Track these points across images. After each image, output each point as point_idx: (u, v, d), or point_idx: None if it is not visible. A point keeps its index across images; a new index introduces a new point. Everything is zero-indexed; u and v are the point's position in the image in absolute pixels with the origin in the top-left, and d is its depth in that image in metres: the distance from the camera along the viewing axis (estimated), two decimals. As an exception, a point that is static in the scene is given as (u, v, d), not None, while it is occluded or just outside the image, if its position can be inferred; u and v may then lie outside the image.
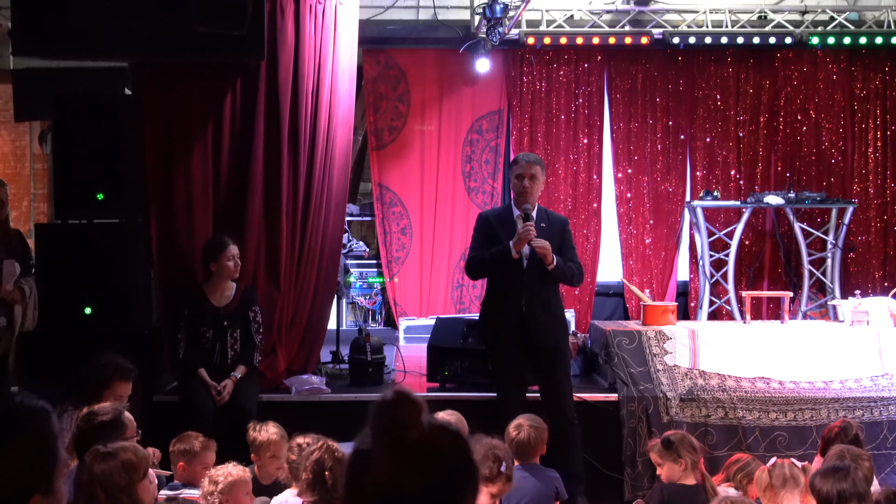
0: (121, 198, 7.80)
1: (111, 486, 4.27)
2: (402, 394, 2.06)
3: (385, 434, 2.04)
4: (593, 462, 7.69)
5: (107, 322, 7.65)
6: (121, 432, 5.01)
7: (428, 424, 2.06)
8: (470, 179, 11.46)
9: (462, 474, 2.07)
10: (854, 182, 11.30)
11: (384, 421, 2.05)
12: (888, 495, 4.27)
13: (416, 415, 2.05)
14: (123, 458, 4.39)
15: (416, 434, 2.03)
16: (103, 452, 4.38)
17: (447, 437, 2.07)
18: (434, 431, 2.06)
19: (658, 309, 8.75)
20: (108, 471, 4.29)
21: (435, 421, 2.08)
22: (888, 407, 7.92)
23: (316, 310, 8.38)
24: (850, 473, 4.70)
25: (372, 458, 2.03)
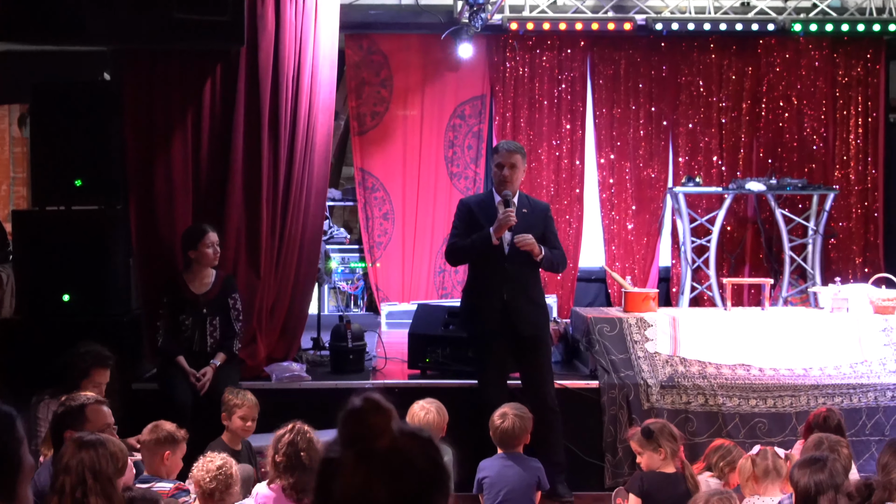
0: (100, 184, 7.78)
1: (100, 472, 4.29)
2: (372, 401, 2.04)
3: (354, 442, 2.01)
4: (574, 449, 7.70)
5: (86, 310, 7.64)
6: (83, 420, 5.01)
7: (398, 431, 2.03)
8: (452, 165, 11.44)
9: (432, 482, 2.05)
10: (835, 168, 11.32)
11: (353, 429, 2.02)
12: (859, 487, 4.28)
13: (386, 423, 2.02)
14: (111, 449, 4.41)
15: (385, 442, 2.01)
16: (92, 439, 4.40)
17: (418, 445, 2.05)
18: (404, 439, 2.04)
19: (639, 296, 8.76)
20: (98, 457, 4.32)
21: (406, 427, 2.06)
22: (867, 394, 7.96)
23: (297, 297, 8.36)
24: (828, 465, 4.73)
25: (341, 467, 2.01)
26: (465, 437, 7.05)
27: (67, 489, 4.27)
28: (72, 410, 5.10)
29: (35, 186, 7.90)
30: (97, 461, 4.31)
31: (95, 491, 4.26)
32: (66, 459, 4.35)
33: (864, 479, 4.44)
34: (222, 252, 7.64)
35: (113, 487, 4.35)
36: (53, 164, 7.72)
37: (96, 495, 4.26)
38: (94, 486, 4.27)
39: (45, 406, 6.41)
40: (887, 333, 8.28)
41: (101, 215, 7.78)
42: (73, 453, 4.35)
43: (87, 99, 7.78)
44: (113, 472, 4.37)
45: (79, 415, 5.05)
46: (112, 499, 4.33)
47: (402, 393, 7.79)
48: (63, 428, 4.96)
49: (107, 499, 4.30)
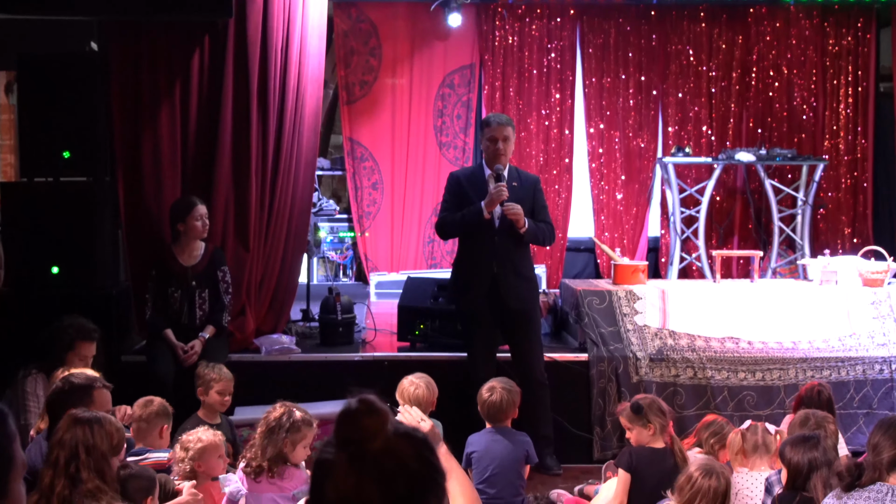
0: (88, 156, 7.71)
1: (94, 448, 4.29)
2: (366, 403, 2.04)
3: (348, 444, 2.01)
4: (562, 422, 7.72)
5: (74, 282, 7.60)
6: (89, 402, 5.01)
7: (393, 432, 2.03)
8: (441, 134, 11.40)
9: (425, 483, 2.05)
10: (825, 139, 11.31)
11: (347, 431, 2.02)
12: (849, 467, 4.29)
13: (380, 424, 2.02)
14: (107, 427, 4.40)
15: (379, 444, 2.01)
16: (88, 416, 4.40)
17: (411, 446, 2.05)
18: (398, 440, 2.03)
19: (629, 268, 8.75)
20: (93, 433, 4.32)
21: (400, 428, 2.06)
22: (855, 367, 7.97)
23: (286, 270, 8.34)
24: (821, 443, 4.77)
25: (334, 468, 2.01)
26: (454, 411, 7.09)
27: (61, 463, 4.27)
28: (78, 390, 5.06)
29: (23, 158, 7.84)
30: (92, 437, 4.31)
31: (88, 466, 4.27)
32: (62, 434, 4.36)
33: (853, 459, 4.44)
34: (211, 224, 7.60)
35: (107, 464, 4.36)
36: (41, 136, 7.65)
37: (89, 470, 4.26)
38: (87, 461, 4.27)
39: (32, 380, 6.39)
40: (876, 306, 8.29)
41: (89, 187, 7.71)
42: (68, 428, 4.36)
43: (74, 70, 7.70)
44: (107, 449, 4.37)
45: (85, 396, 5.03)
46: (105, 475, 4.33)
47: (391, 366, 7.81)
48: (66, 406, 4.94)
49: (99, 474, 4.30)
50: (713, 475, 4.98)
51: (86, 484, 4.23)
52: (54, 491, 4.21)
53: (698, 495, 4.96)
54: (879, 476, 4.21)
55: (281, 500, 5.19)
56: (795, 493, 4.79)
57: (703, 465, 5.09)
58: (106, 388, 5.21)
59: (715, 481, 4.96)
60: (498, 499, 6.18)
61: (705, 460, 5.27)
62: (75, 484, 4.23)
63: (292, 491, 5.19)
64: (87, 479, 4.24)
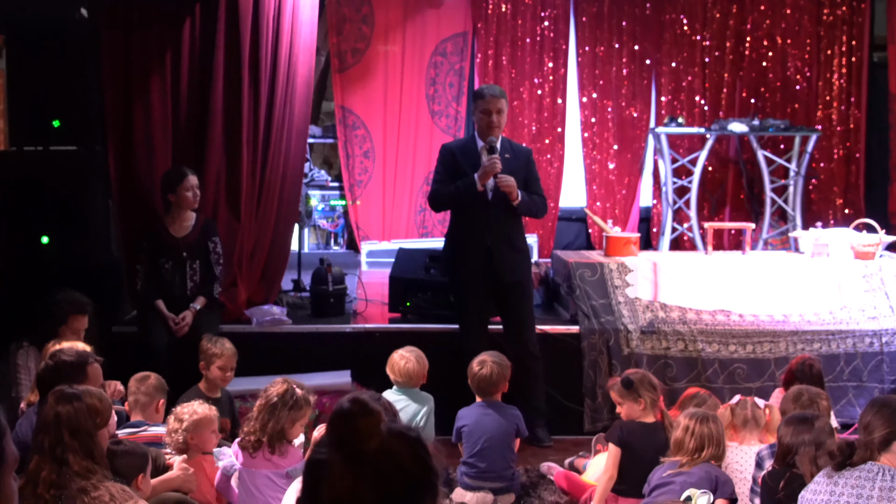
0: (78, 125, 7.66)
1: (77, 428, 4.26)
2: (360, 404, 2.03)
3: (343, 445, 2.01)
4: (554, 394, 7.73)
5: (64, 252, 7.56)
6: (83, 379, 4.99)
7: (387, 432, 2.03)
8: (434, 103, 11.34)
9: (420, 483, 2.05)
10: (818, 109, 11.26)
11: (342, 432, 2.02)
12: (841, 446, 4.31)
13: (375, 425, 2.02)
14: (89, 402, 4.38)
15: (374, 444, 2.01)
16: (69, 393, 4.37)
17: (406, 446, 2.05)
18: (392, 440, 2.03)
19: (620, 240, 8.74)
20: (75, 412, 4.29)
21: (395, 427, 2.06)
22: (845, 340, 7.99)
23: (277, 240, 8.31)
24: (816, 425, 4.80)
25: (329, 469, 2.01)
26: (446, 383, 7.11)
27: (46, 447, 4.25)
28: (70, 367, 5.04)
29: (12, 126, 7.78)
30: (74, 417, 4.28)
31: (73, 448, 4.23)
32: (44, 414, 4.34)
33: (845, 439, 4.46)
34: (202, 195, 7.57)
35: (93, 442, 4.33)
36: (30, 104, 7.60)
37: (75, 453, 4.23)
38: (72, 443, 4.24)
39: (23, 353, 6.39)
40: (867, 280, 8.31)
41: (79, 156, 7.66)
42: (50, 407, 4.33)
43: (64, 37, 7.63)
44: (92, 427, 4.34)
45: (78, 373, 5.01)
46: (93, 454, 4.30)
47: (382, 337, 7.81)
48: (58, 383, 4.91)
49: (87, 455, 4.27)
50: (708, 420, 5.10)
51: (72, 466, 4.20)
52: (40, 476, 4.18)
53: (704, 441, 5.10)
54: (871, 455, 4.23)
55: (275, 476, 5.19)
56: (785, 470, 4.83)
57: (696, 414, 5.17)
58: (97, 363, 5.20)
59: (714, 424, 5.19)
60: (489, 472, 6.22)
61: (695, 411, 5.33)
62: (62, 467, 4.21)
63: (286, 468, 5.19)
64: (74, 461, 4.21)
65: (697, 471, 5.20)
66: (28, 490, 4.18)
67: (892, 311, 8.15)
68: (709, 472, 5.19)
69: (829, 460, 4.36)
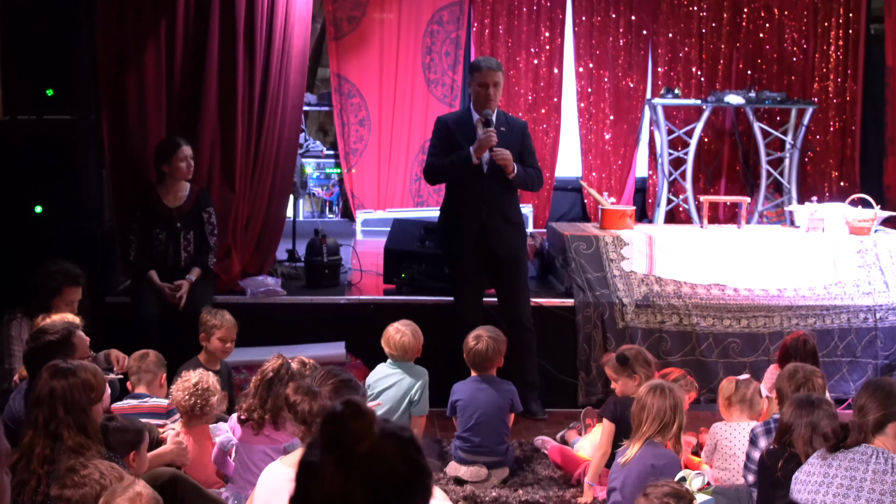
0: (72, 94, 7.61)
1: (72, 403, 4.28)
2: (352, 406, 2.02)
3: (334, 447, 2.00)
4: (548, 367, 7.74)
5: (58, 222, 7.54)
6: (71, 350, 4.99)
7: (379, 433, 2.03)
8: (430, 71, 11.29)
9: (412, 484, 2.05)
10: (814, 81, 11.23)
11: (334, 434, 2.01)
12: (835, 429, 4.31)
13: (367, 427, 2.01)
14: (84, 377, 4.40)
15: (365, 447, 2.00)
16: (64, 368, 4.39)
17: (398, 447, 2.04)
18: (384, 442, 2.03)
19: (616, 213, 8.73)
20: (69, 387, 4.31)
21: (387, 428, 2.05)
22: (840, 315, 8.00)
23: (272, 211, 8.28)
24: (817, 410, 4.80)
25: (320, 472, 2.00)
26: (441, 355, 7.13)
27: (41, 422, 4.28)
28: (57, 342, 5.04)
29: (5, 95, 7.72)
30: (68, 391, 4.31)
31: (67, 423, 4.27)
32: (38, 389, 4.36)
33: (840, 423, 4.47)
34: (196, 165, 7.53)
35: (87, 417, 4.35)
36: (24, 73, 7.54)
37: (68, 427, 4.27)
38: (66, 418, 4.27)
39: (17, 324, 6.38)
40: (862, 255, 8.30)
41: (73, 126, 7.62)
42: (44, 382, 4.35)
43: (57, 6, 7.55)
44: (86, 401, 4.37)
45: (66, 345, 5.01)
46: (87, 429, 4.33)
47: (377, 309, 7.81)
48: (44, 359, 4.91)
49: (80, 429, 4.30)
50: (658, 391, 5.03)
51: (66, 441, 4.23)
52: (34, 451, 4.20)
53: (644, 410, 5.04)
54: (865, 438, 4.25)
55: (272, 452, 5.20)
56: (784, 450, 4.84)
57: (651, 385, 5.15)
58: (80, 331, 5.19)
59: (661, 397, 5.04)
60: (482, 447, 6.23)
61: (654, 381, 5.32)
62: (56, 442, 4.23)
63: (283, 444, 5.20)
64: (68, 436, 4.24)
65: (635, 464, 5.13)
66: (22, 465, 4.21)
67: (887, 286, 8.15)
68: (645, 462, 5.10)
69: (823, 442, 4.36)
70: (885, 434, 4.25)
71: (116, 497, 3.62)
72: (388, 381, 6.48)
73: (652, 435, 5.17)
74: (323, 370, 4.58)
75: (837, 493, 4.14)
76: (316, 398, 4.26)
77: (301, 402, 4.27)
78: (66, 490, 3.69)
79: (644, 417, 5.19)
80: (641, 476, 5.02)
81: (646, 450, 5.17)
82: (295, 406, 4.28)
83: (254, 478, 5.01)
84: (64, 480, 3.72)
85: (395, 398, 6.42)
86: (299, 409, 4.26)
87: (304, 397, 4.26)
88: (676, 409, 5.17)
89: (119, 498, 3.60)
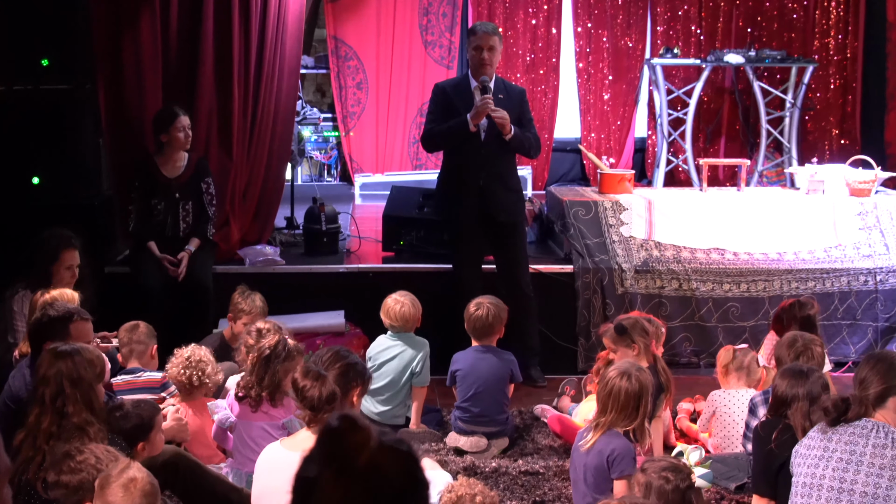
0: (68, 63, 7.55)
1: (79, 379, 4.35)
2: (349, 420, 2.01)
3: (332, 462, 1.99)
4: (547, 333, 7.74)
5: (56, 192, 7.52)
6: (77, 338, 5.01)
7: (377, 446, 2.01)
8: (427, 33, 11.22)
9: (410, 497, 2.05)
10: (815, 38, 11.13)
11: (331, 449, 2.00)
12: (836, 402, 4.31)
13: (364, 441, 2.00)
14: (89, 356, 4.46)
15: (363, 461, 1.99)
16: (67, 349, 4.42)
17: (396, 461, 2.04)
18: (382, 455, 2.02)
19: (615, 177, 8.71)
20: (75, 364, 4.37)
21: (386, 440, 2.04)
22: (840, 278, 7.99)
23: (270, 179, 8.25)
24: (811, 379, 4.79)
25: (318, 486, 1.99)
26: (440, 322, 7.13)
27: (47, 400, 4.33)
28: (55, 323, 5.09)
29: (1, 65, 7.66)
30: (75, 370, 4.37)
31: (74, 399, 4.32)
32: (44, 370, 4.41)
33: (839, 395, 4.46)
34: (194, 134, 7.49)
35: (93, 392, 4.43)
36: (19, 43, 7.48)
37: (75, 403, 4.32)
38: (73, 393, 4.33)
39: (20, 299, 6.37)
40: (862, 217, 8.28)
41: (69, 95, 7.56)
42: (50, 363, 4.39)
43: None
44: (92, 378, 4.42)
45: (62, 329, 5.04)
46: (92, 404, 4.40)
47: (376, 277, 7.81)
48: (44, 338, 4.96)
49: (87, 405, 4.37)
50: (625, 376, 4.96)
51: (72, 418, 4.28)
52: (40, 427, 4.27)
53: (611, 397, 4.96)
54: (865, 412, 4.24)
55: (271, 428, 5.21)
56: (778, 421, 4.84)
57: (619, 367, 5.10)
58: (84, 321, 5.20)
59: (626, 382, 4.92)
60: (482, 417, 6.24)
61: (623, 363, 5.27)
62: (62, 419, 4.27)
63: (281, 420, 5.21)
64: (74, 412, 4.31)
65: (594, 457, 4.93)
66: (28, 443, 4.26)
67: (888, 248, 8.14)
68: (601, 451, 4.90)
69: (823, 416, 4.36)
70: (885, 408, 4.23)
71: (111, 483, 3.63)
72: (389, 353, 6.49)
73: (616, 423, 4.94)
74: (329, 352, 4.57)
75: (837, 468, 4.15)
76: (325, 383, 4.25)
77: (311, 387, 4.25)
78: (63, 476, 3.71)
79: (609, 404, 4.94)
80: (599, 468, 4.89)
81: (605, 438, 4.93)
82: (304, 391, 4.26)
83: (252, 454, 5.03)
84: (60, 466, 3.73)
85: (396, 370, 6.43)
86: (308, 395, 4.25)
87: (314, 383, 4.25)
88: (642, 396, 4.94)
89: (114, 484, 3.61)
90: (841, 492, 4.11)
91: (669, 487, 4.16)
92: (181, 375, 5.59)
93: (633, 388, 4.91)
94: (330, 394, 4.22)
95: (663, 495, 4.12)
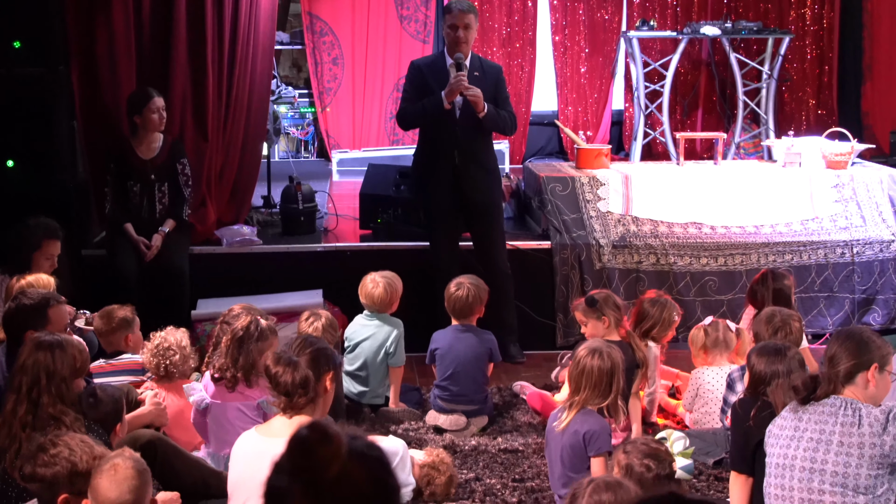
0: (41, 46, 7.49)
1: (54, 374, 4.42)
2: (319, 431, 2.01)
3: (301, 473, 1.99)
4: (526, 309, 7.76)
5: (30, 176, 7.46)
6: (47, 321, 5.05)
7: (347, 455, 2.01)
8: (402, 7, 11.17)
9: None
10: (791, 9, 11.11)
11: (300, 460, 2.00)
12: (805, 381, 4.33)
13: (334, 452, 2.00)
14: (70, 351, 4.53)
15: (333, 471, 1.99)
16: (49, 342, 4.54)
17: (366, 470, 2.04)
18: (353, 464, 2.01)
19: (592, 152, 8.71)
20: (54, 360, 4.44)
21: (355, 448, 2.04)
22: (817, 251, 8.02)
23: (246, 160, 8.24)
24: (786, 355, 4.80)
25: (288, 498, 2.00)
26: (418, 301, 7.14)
27: (24, 389, 4.40)
28: (32, 310, 5.18)
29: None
30: (53, 363, 4.44)
31: (48, 391, 4.40)
32: (23, 359, 4.49)
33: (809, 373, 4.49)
34: (168, 116, 7.45)
35: (66, 387, 4.50)
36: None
37: (48, 394, 4.40)
38: (48, 386, 4.41)
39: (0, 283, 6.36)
40: (839, 190, 8.31)
41: (42, 78, 7.50)
42: (30, 353, 4.49)
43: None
44: (69, 373, 4.50)
45: (41, 316, 5.10)
46: (64, 398, 4.45)
47: (354, 256, 7.81)
48: (22, 326, 5.00)
49: (59, 398, 4.43)
50: (596, 354, 4.99)
51: (47, 408, 4.35)
52: (17, 416, 4.36)
53: (583, 375, 4.98)
54: (834, 389, 4.24)
55: (246, 409, 5.23)
56: (756, 398, 4.85)
57: (589, 345, 5.12)
58: (60, 304, 5.24)
59: (598, 360, 4.95)
60: (461, 396, 6.27)
61: (592, 341, 5.29)
62: (37, 409, 4.36)
63: (257, 399, 5.23)
64: (48, 403, 4.37)
65: (570, 437, 4.95)
66: (4, 431, 4.34)
67: (864, 221, 8.17)
68: (577, 431, 4.91)
69: (793, 394, 4.38)
70: (854, 384, 4.21)
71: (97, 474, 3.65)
72: (364, 333, 6.51)
73: (589, 401, 4.96)
74: (299, 338, 4.58)
75: (808, 447, 4.16)
76: (298, 368, 4.26)
77: (283, 373, 4.26)
78: (39, 469, 3.72)
79: (582, 382, 4.96)
80: (575, 448, 4.90)
81: (580, 417, 4.95)
82: (277, 378, 4.27)
83: (228, 436, 5.06)
84: (35, 459, 3.75)
85: (371, 350, 6.46)
86: (282, 381, 4.26)
87: (286, 368, 4.26)
88: (615, 373, 4.99)
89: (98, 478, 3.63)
90: (812, 472, 4.13)
91: (650, 476, 4.20)
92: (150, 362, 5.65)
93: (605, 366, 4.94)
94: (303, 378, 4.23)
95: (643, 482, 4.14)
